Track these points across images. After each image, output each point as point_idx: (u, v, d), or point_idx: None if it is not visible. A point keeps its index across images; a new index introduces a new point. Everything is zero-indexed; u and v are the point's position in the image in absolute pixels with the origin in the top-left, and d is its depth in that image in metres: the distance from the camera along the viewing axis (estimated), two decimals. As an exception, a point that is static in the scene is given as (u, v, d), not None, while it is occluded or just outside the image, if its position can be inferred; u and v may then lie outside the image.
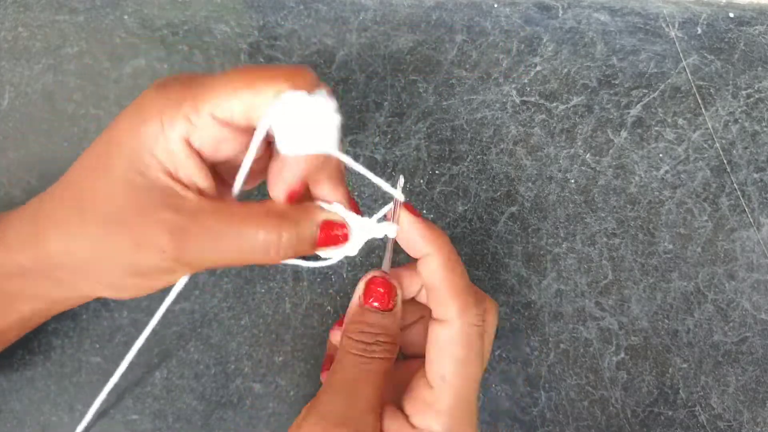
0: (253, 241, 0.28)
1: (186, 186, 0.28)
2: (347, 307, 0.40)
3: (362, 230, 0.31)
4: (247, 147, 0.30)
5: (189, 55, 0.45)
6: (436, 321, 0.30)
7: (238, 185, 0.30)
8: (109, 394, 0.39)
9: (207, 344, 0.40)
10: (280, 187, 0.29)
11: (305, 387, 0.39)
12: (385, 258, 0.33)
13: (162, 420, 0.39)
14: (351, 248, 0.31)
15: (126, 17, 0.45)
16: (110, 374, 0.39)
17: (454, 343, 0.30)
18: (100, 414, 0.39)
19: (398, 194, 0.30)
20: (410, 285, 0.33)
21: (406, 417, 0.31)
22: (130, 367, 0.39)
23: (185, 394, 0.39)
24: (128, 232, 0.27)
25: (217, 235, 0.27)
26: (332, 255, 0.32)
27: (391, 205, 0.31)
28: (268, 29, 0.45)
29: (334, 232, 0.30)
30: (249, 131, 0.29)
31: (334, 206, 0.31)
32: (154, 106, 0.28)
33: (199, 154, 0.29)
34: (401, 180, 0.31)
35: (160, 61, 0.44)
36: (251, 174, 0.34)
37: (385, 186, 0.30)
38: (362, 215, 0.31)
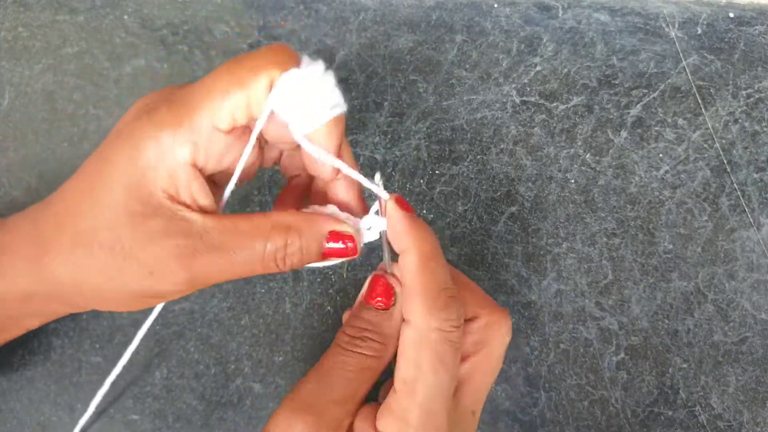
0: (261, 254, 0.28)
1: (189, 207, 0.28)
2: (347, 306, 0.40)
3: (364, 234, 0.31)
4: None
5: (189, 55, 0.45)
6: (405, 322, 0.30)
7: (230, 187, 0.30)
8: (109, 393, 0.39)
9: (207, 344, 0.40)
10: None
11: (305, 387, 0.39)
12: (384, 255, 0.32)
13: (162, 420, 0.39)
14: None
15: (126, 17, 0.45)
16: (110, 374, 0.39)
17: (417, 347, 0.29)
18: (101, 414, 0.39)
19: (382, 192, 0.30)
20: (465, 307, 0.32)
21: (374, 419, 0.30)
22: (129, 366, 0.39)
23: (185, 394, 0.39)
24: (138, 263, 0.28)
25: (225, 253, 0.28)
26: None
27: (376, 204, 0.31)
28: (268, 29, 0.45)
29: (340, 245, 0.30)
30: (246, 136, 0.29)
31: (343, 215, 0.31)
32: (147, 134, 0.27)
33: (201, 173, 0.29)
34: (377, 176, 0.31)
35: (160, 61, 0.44)
36: (244, 170, 0.34)
37: (368, 184, 0.30)
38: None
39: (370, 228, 0.31)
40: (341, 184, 0.31)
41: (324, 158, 0.29)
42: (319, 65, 0.27)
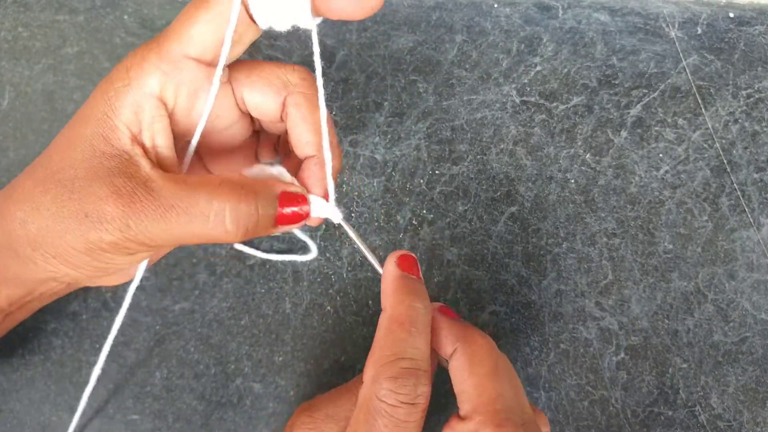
0: (207, 212, 0.26)
1: (146, 152, 0.27)
2: (347, 306, 0.41)
3: (320, 207, 0.29)
4: (224, 115, 0.29)
5: (189, 55, 0.45)
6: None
7: (196, 135, 0.28)
8: (109, 393, 0.39)
9: (207, 344, 0.40)
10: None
11: (305, 387, 0.39)
12: (367, 254, 0.32)
13: (162, 420, 0.39)
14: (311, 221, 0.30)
15: (126, 17, 0.45)
16: (110, 374, 0.39)
17: (358, 408, 0.27)
18: (101, 414, 0.39)
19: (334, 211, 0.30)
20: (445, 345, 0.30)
21: None
22: (129, 367, 0.39)
23: (185, 394, 0.39)
24: (78, 201, 0.26)
25: (165, 202, 0.26)
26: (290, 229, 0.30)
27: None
28: (268, 29, 0.45)
29: (293, 208, 0.28)
30: (225, 87, 0.28)
31: (289, 177, 0.29)
32: (122, 66, 0.27)
33: (169, 118, 0.27)
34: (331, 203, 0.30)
35: (160, 61, 0.44)
36: (229, 152, 0.32)
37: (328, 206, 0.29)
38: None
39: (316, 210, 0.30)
40: (315, 163, 0.29)
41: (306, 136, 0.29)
42: None
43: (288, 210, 0.28)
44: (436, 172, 0.42)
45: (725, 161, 0.43)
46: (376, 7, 0.26)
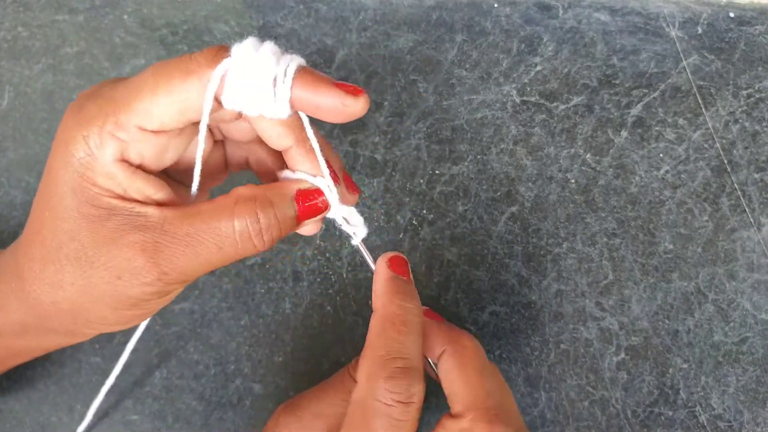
0: (231, 234, 0.26)
1: (143, 203, 0.26)
2: (347, 306, 0.40)
3: (336, 198, 0.29)
4: (193, 140, 0.28)
5: (189, 54, 0.45)
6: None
7: (195, 184, 0.28)
8: (109, 394, 0.39)
9: (207, 344, 0.40)
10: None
11: (305, 387, 0.39)
12: (368, 260, 0.32)
13: (162, 420, 0.39)
14: (336, 212, 0.30)
15: (126, 17, 0.45)
16: (110, 374, 0.39)
17: (353, 408, 0.27)
18: (100, 414, 0.39)
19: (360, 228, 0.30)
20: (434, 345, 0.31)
21: None
22: (129, 367, 0.39)
23: (185, 394, 0.39)
24: (104, 268, 0.26)
25: (191, 239, 0.26)
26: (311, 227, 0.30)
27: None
28: (268, 29, 0.45)
29: (311, 202, 0.28)
30: (191, 128, 0.27)
31: (302, 175, 0.29)
32: (76, 131, 0.26)
33: (142, 168, 0.27)
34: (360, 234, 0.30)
35: (160, 60, 0.44)
36: (209, 173, 0.32)
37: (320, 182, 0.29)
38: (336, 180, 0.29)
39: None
40: (298, 153, 0.29)
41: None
42: (248, 44, 0.25)
43: (307, 204, 0.28)
44: (436, 172, 0.42)
45: (725, 161, 0.43)
46: (358, 116, 0.26)
